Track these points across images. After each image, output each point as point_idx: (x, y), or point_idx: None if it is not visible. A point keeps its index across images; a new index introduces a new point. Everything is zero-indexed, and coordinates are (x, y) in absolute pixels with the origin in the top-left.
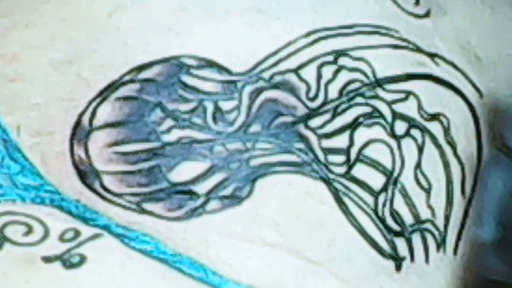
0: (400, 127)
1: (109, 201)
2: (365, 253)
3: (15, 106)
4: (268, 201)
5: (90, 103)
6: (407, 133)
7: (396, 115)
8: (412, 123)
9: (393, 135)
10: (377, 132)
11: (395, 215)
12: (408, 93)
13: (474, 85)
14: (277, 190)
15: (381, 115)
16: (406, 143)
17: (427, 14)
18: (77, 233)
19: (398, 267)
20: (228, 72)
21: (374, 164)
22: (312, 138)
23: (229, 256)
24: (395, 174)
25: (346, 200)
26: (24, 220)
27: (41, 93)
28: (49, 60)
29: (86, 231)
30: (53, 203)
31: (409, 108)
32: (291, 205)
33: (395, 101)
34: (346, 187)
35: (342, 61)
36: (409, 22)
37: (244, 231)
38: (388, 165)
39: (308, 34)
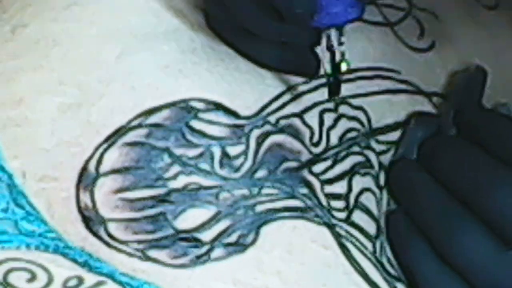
0: (382, 178)
1: (114, 248)
2: None
3: (21, 150)
4: (272, 249)
5: (97, 148)
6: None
7: (381, 166)
8: None
9: (378, 185)
10: (368, 181)
11: (391, 260)
12: (392, 143)
13: None
14: (281, 236)
15: (371, 166)
16: (385, 193)
17: (431, 47)
18: (80, 281)
19: None
20: (236, 115)
21: (368, 212)
22: (316, 183)
23: None
24: (381, 223)
25: (348, 245)
26: (28, 266)
27: (48, 138)
28: (57, 104)
29: (90, 278)
30: (57, 250)
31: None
32: (295, 252)
33: (382, 152)
34: (348, 232)
35: (342, 109)
36: (412, 58)
37: (248, 279)
38: (376, 213)
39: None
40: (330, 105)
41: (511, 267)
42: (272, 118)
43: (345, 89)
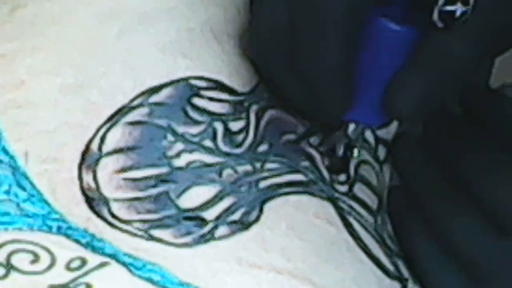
0: (382, 152)
1: (118, 228)
2: (372, 275)
3: (23, 132)
4: (276, 226)
5: (99, 128)
6: (387, 159)
7: (378, 141)
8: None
9: (376, 159)
10: (366, 154)
11: (391, 236)
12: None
13: None
14: (285, 213)
15: (366, 140)
16: (387, 168)
17: None
18: (83, 262)
19: None
20: (235, 92)
21: (369, 184)
22: (316, 156)
23: (236, 283)
24: (383, 197)
25: (351, 220)
26: (31, 248)
27: (49, 119)
28: (58, 86)
29: (93, 259)
30: (60, 231)
31: (390, 132)
32: (299, 228)
33: (380, 126)
34: (350, 207)
35: None
36: None
37: (251, 257)
38: (377, 187)
39: None
40: None
41: (506, 256)
42: (267, 93)
43: None
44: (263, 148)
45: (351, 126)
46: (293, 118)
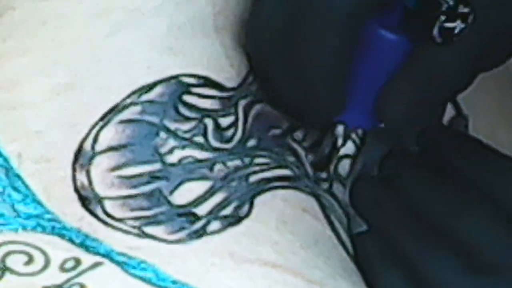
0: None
1: (111, 226)
2: (357, 271)
3: (17, 134)
4: (267, 220)
5: (92, 127)
6: None
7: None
8: None
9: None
10: (348, 148)
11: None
12: None
13: None
14: (275, 207)
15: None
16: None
17: None
18: (77, 262)
19: None
20: (223, 88)
21: (345, 185)
22: (301, 151)
23: (229, 278)
24: None
25: (332, 217)
26: (25, 249)
27: (42, 120)
28: (50, 86)
29: (87, 259)
30: (54, 231)
31: None
32: (288, 222)
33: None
34: (331, 204)
35: None
36: None
37: (244, 252)
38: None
39: None
40: None
41: None
42: (254, 87)
43: None
44: (251, 143)
45: (340, 127)
46: (277, 112)
